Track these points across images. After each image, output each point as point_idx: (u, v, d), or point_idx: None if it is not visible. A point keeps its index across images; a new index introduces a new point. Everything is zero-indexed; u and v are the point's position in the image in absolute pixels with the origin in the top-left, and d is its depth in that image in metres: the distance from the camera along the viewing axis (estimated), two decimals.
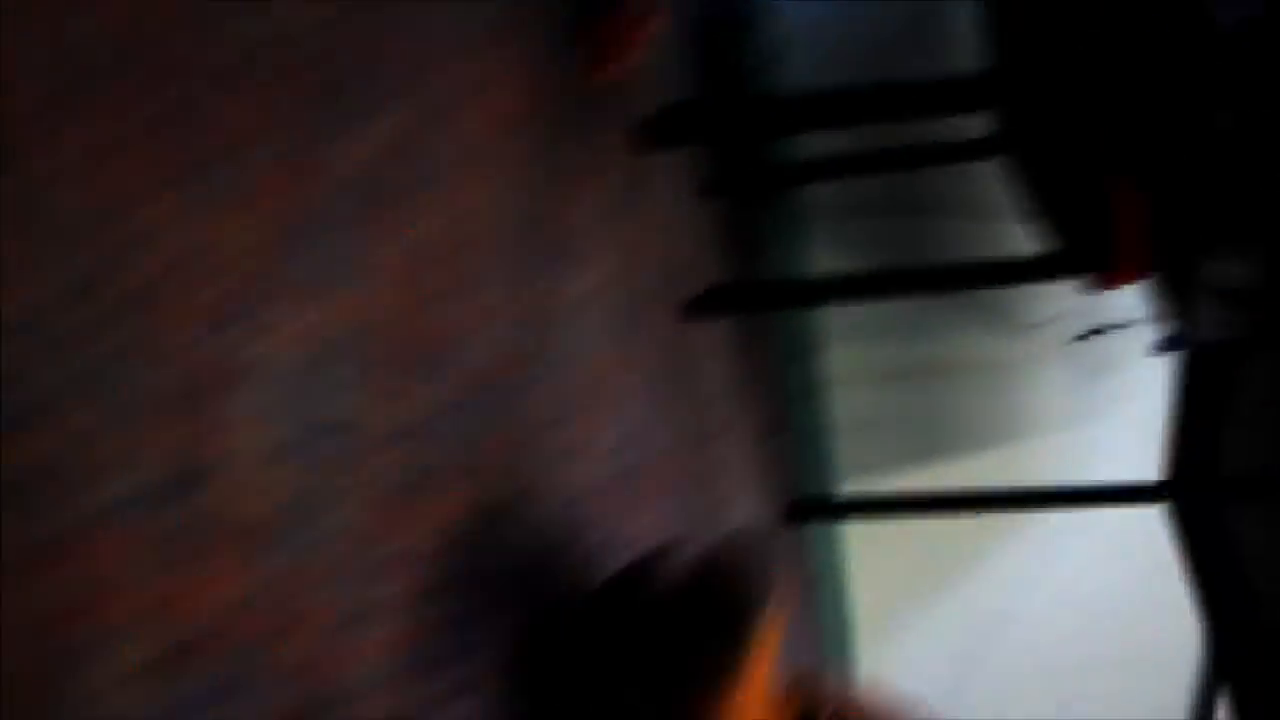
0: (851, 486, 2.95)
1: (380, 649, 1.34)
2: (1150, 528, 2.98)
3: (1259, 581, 1.71)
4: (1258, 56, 1.08)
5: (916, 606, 3.15)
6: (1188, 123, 1.19)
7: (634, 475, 2.05)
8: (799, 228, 2.67)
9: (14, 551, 0.91)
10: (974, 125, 2.01)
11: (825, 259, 2.78)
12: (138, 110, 1.08)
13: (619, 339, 2.07)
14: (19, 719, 0.89)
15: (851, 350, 2.94)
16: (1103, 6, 1.19)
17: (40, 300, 0.96)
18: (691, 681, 1.18)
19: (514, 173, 1.77)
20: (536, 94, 1.83)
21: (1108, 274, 1.44)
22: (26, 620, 0.91)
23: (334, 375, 1.33)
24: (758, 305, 2.33)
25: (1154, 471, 2.05)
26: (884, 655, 3.24)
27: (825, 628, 3.05)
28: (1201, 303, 1.33)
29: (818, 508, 2.49)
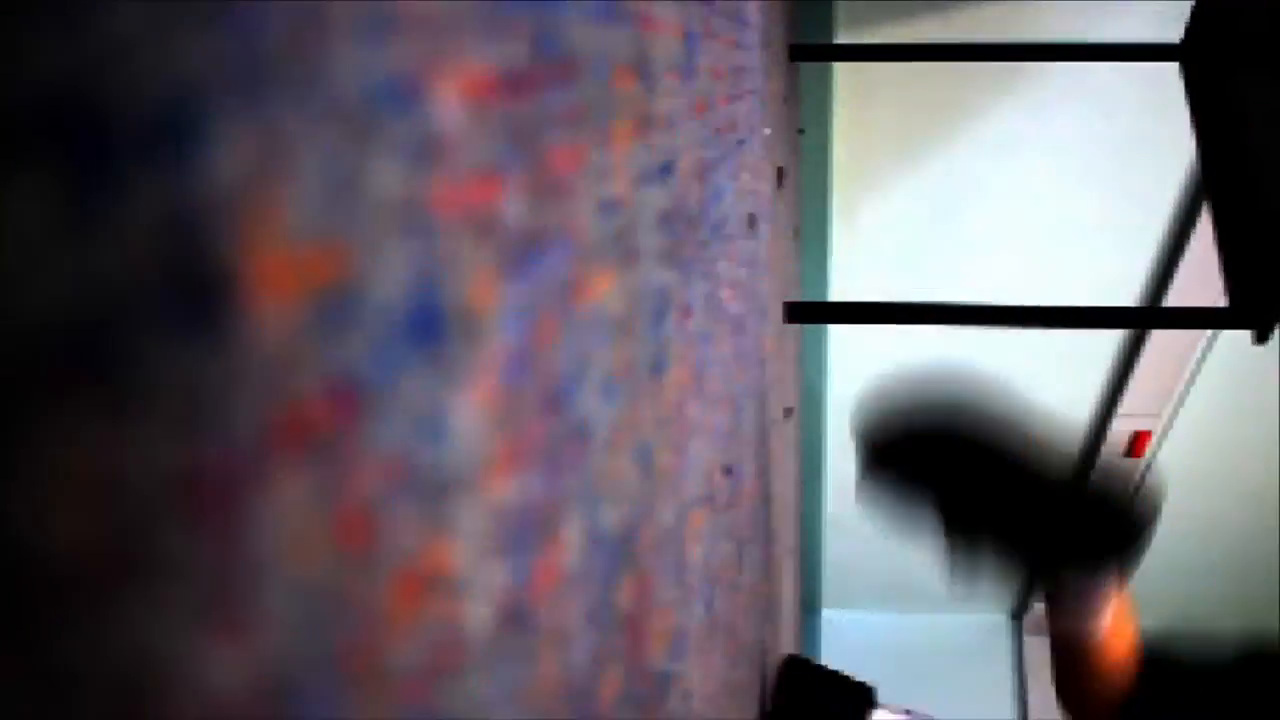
0: (849, 35, 2.98)
1: None
2: (1146, 94, 2.96)
3: (1258, 144, 1.71)
4: None
5: (899, 160, 3.20)
6: None
7: None
8: None
9: None
10: None
11: None
12: None
13: None
14: None
15: None
16: None
17: None
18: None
19: None
20: None
21: None
22: None
23: None
24: None
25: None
26: (863, 205, 3.33)
27: (806, 176, 3.11)
28: None
29: (815, 50, 2.43)
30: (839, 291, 3.64)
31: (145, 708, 0.22)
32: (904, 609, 5.06)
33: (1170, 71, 2.46)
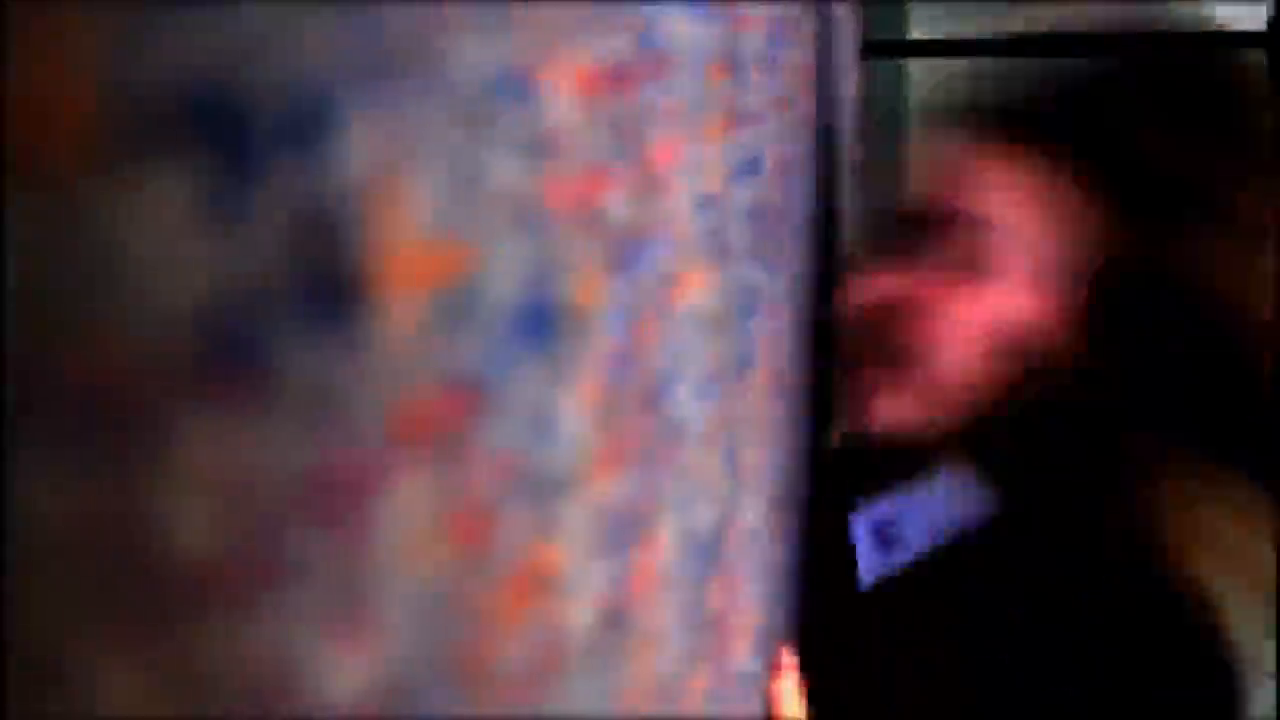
0: (921, 29, 2.97)
1: None
2: None
3: None
4: None
5: None
6: None
7: None
8: None
9: None
10: None
11: None
12: None
13: None
14: None
15: None
16: None
17: None
18: None
19: None
20: None
21: None
22: None
23: None
24: None
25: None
26: None
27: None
28: None
29: (889, 46, 2.40)
30: None
31: (275, 710, 0.21)
32: None
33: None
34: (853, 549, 1.14)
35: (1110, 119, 1.05)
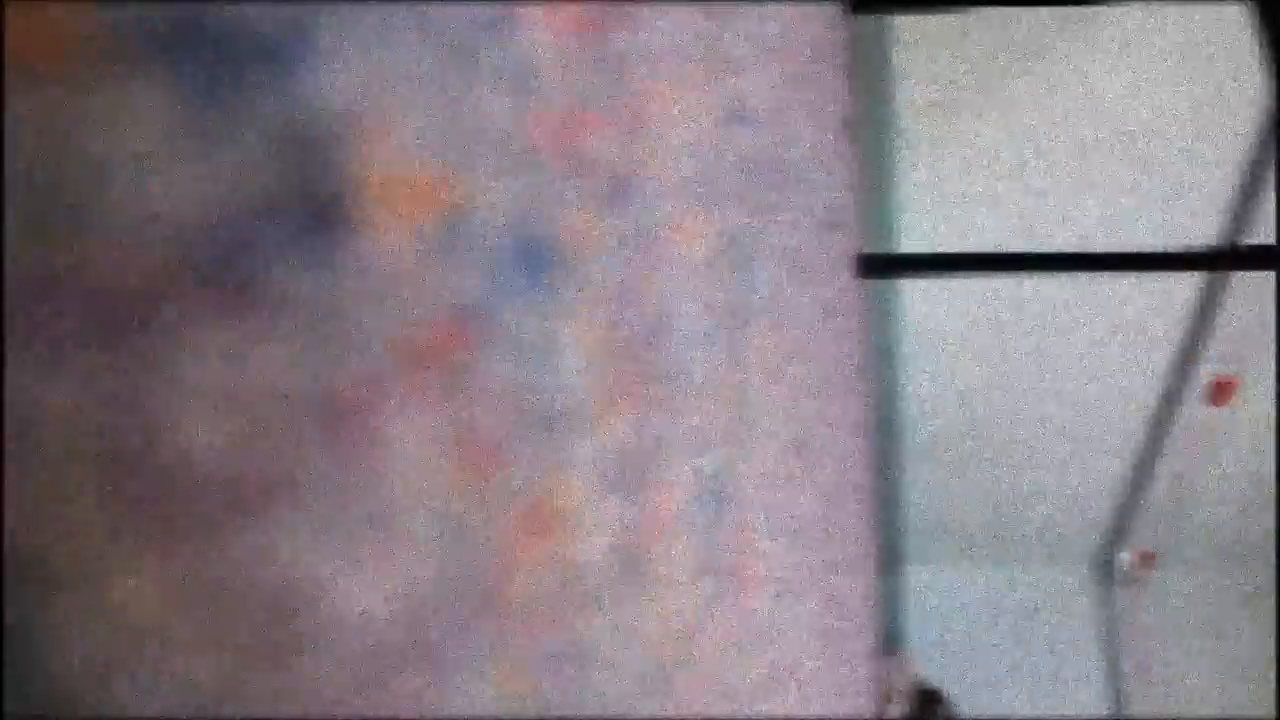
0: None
1: None
2: (1223, 31, 2.91)
3: None
4: None
5: (969, 108, 3.13)
6: None
7: None
8: None
9: None
10: None
11: None
12: None
13: None
14: None
15: None
16: None
17: None
18: None
19: None
20: None
21: None
22: None
23: None
24: None
25: None
26: (932, 156, 3.26)
27: (873, 128, 3.07)
28: None
29: (877, 2, 2.37)
30: (907, 246, 3.61)
31: (297, 626, 0.22)
32: (988, 564, 5.03)
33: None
34: None
35: None
